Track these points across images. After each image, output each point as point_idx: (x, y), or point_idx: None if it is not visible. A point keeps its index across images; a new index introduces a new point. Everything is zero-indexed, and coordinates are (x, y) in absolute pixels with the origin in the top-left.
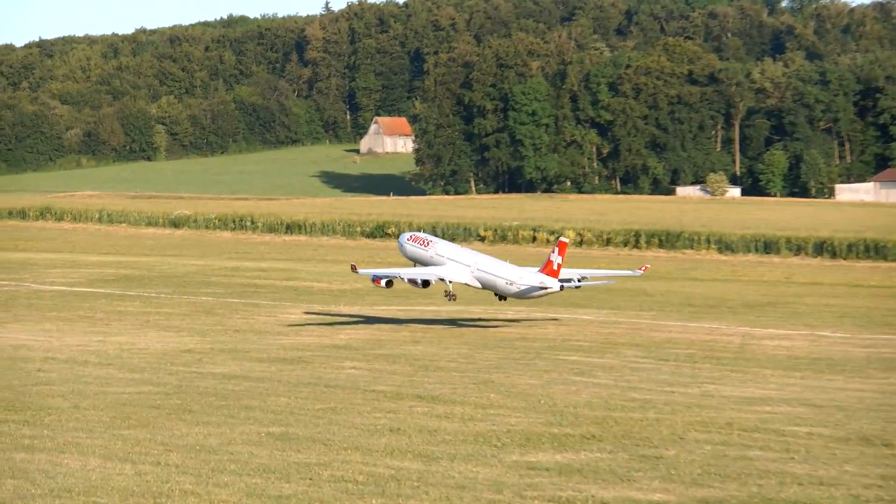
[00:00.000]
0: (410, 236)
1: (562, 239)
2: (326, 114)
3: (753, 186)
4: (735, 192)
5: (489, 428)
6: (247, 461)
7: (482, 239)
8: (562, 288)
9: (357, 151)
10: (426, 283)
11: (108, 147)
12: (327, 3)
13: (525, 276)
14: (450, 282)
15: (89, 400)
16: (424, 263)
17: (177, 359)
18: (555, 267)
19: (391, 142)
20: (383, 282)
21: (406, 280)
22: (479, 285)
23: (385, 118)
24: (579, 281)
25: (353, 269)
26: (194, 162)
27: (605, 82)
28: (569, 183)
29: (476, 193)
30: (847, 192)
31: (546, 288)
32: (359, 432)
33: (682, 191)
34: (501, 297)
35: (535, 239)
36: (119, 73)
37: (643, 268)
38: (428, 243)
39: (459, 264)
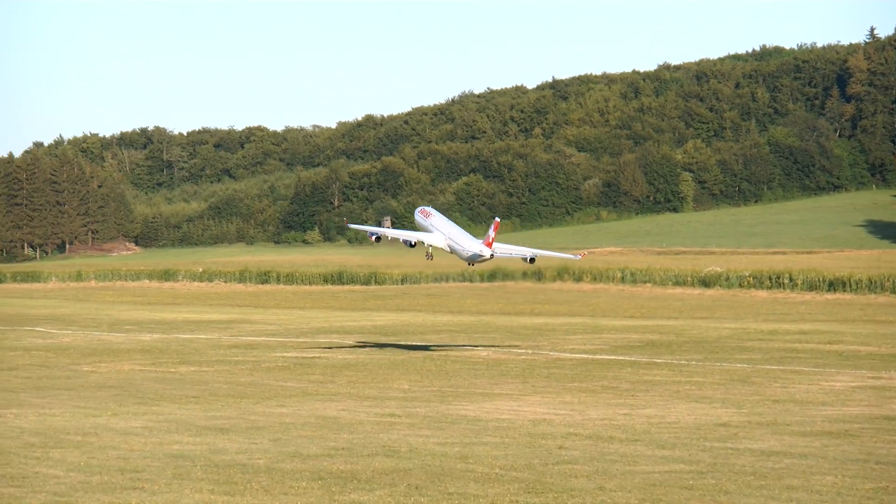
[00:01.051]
0: (421, 209)
1: (496, 220)
2: (872, 155)
3: None
4: None
5: None
6: None
7: None
8: (491, 256)
9: None
10: (412, 244)
11: (630, 198)
12: (872, 29)
13: (473, 246)
14: (429, 245)
15: (615, 480)
16: (424, 229)
17: (710, 433)
18: (489, 240)
19: None
20: (373, 237)
21: (389, 237)
22: (449, 250)
23: None
24: (531, 260)
25: (346, 222)
26: (725, 212)
27: None
28: None
29: None
30: None
31: (482, 255)
32: None
33: None
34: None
35: None
36: (640, 115)
37: (582, 254)
38: (429, 215)
39: (441, 233)
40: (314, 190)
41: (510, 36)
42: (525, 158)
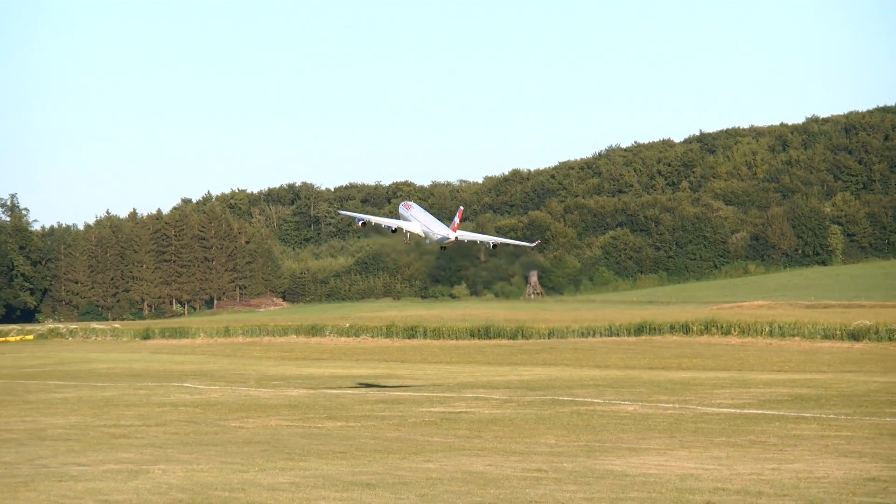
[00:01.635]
0: (404, 203)
1: (460, 208)
2: None
3: None
4: None
5: None
6: None
7: None
8: (456, 239)
9: None
10: (392, 230)
11: (778, 251)
12: None
13: (442, 230)
14: (407, 231)
15: None
16: (405, 220)
17: (859, 488)
18: (455, 226)
19: None
20: (360, 223)
21: (373, 223)
22: (424, 236)
23: None
24: (494, 247)
25: (335, 210)
26: (874, 265)
27: None
28: None
29: None
30: None
31: (449, 238)
32: None
33: None
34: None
35: None
36: (788, 167)
37: (536, 242)
38: (410, 208)
39: (418, 222)
40: (461, 244)
41: (657, 89)
42: (672, 212)
